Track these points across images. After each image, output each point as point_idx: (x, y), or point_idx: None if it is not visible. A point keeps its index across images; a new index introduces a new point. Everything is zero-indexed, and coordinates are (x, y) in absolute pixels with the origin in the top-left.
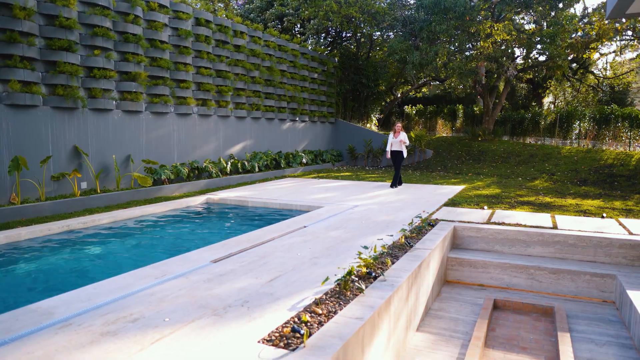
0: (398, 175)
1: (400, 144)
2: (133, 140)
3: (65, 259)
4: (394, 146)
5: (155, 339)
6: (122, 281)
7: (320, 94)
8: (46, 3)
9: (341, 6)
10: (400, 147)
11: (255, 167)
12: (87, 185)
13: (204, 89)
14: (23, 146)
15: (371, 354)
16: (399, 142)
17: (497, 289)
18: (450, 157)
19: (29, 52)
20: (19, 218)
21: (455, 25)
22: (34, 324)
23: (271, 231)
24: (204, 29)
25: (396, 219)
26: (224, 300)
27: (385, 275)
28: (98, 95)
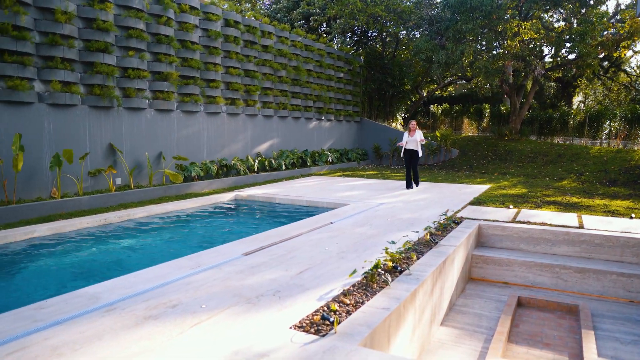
0: (416, 175)
1: (417, 143)
2: (165, 138)
3: (104, 250)
4: (410, 145)
5: (194, 323)
6: (160, 271)
7: (346, 93)
8: (85, 7)
9: (367, 5)
10: (416, 146)
11: (282, 165)
12: (121, 181)
13: (233, 88)
14: (63, 143)
15: (397, 344)
16: (416, 141)
17: (521, 287)
18: (476, 157)
19: (69, 54)
20: (59, 211)
21: (482, 24)
22: (82, 307)
23: (299, 227)
24: (232, 29)
25: (421, 217)
26: (256, 290)
27: (411, 269)
28: (132, 94)
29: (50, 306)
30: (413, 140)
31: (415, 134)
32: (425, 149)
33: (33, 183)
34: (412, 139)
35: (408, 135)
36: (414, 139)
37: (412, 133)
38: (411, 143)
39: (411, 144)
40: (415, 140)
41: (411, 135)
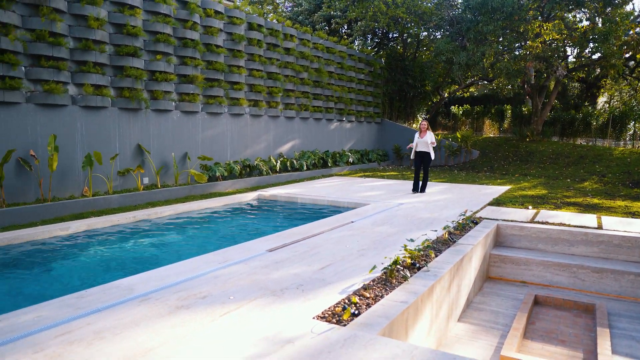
0: (426, 179)
1: (428, 145)
2: (190, 139)
3: (134, 246)
4: (420, 147)
5: (224, 313)
6: (189, 265)
7: (366, 94)
8: (115, 13)
9: (388, 7)
10: (427, 147)
11: (303, 165)
12: (148, 180)
13: (256, 90)
14: (94, 144)
15: (414, 336)
16: (426, 143)
17: (539, 286)
18: (496, 158)
19: (100, 58)
20: (91, 209)
21: (503, 25)
22: (119, 297)
23: (321, 225)
24: (256, 33)
25: (440, 217)
26: (281, 283)
27: (429, 266)
28: (159, 97)
29: (89, 295)
30: (423, 141)
31: (426, 135)
32: (446, 150)
33: (66, 182)
34: (422, 140)
35: (418, 136)
36: (424, 140)
37: (423, 134)
38: (421, 145)
39: (421, 146)
40: (426, 141)
41: (421, 136)
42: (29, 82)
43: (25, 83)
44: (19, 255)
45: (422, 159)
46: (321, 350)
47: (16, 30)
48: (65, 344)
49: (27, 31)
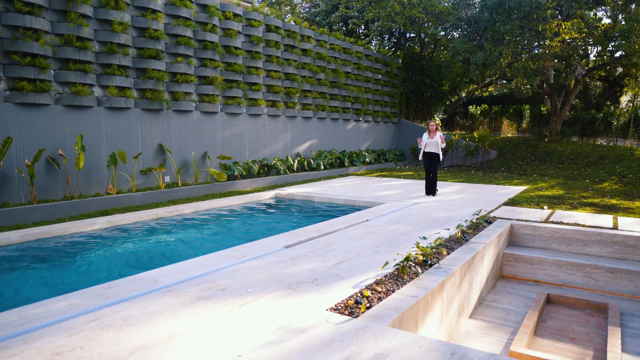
0: (435, 181)
1: (438, 145)
2: (209, 138)
3: (157, 241)
4: (429, 147)
5: (242, 304)
6: (209, 259)
7: (383, 94)
8: (138, 17)
9: (404, 7)
10: (436, 148)
11: (320, 165)
12: (169, 179)
13: (274, 91)
14: (118, 144)
15: (424, 330)
16: (436, 143)
17: (552, 285)
18: (514, 158)
19: (124, 61)
20: (115, 206)
21: (520, 24)
22: (144, 288)
23: (336, 223)
24: (273, 34)
25: (454, 216)
26: (296, 277)
27: (440, 263)
28: (180, 98)
29: (117, 286)
30: (433, 142)
31: (435, 135)
32: (463, 150)
33: (92, 180)
34: (431, 140)
35: (427, 136)
36: (433, 140)
37: (432, 134)
38: (430, 145)
39: (430, 146)
40: (435, 142)
41: (431, 136)
42: (58, 85)
43: (54, 85)
44: (50, 248)
45: (430, 160)
46: (333, 339)
47: (46, 35)
48: (96, 329)
49: (56, 36)
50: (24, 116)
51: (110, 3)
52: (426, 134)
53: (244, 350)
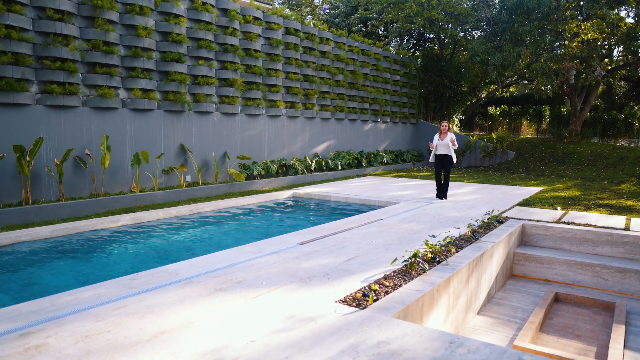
0: (446, 185)
1: (449, 147)
2: (229, 139)
3: (177, 237)
4: (440, 149)
5: (256, 295)
6: (227, 254)
7: (401, 95)
8: (162, 22)
9: (423, 9)
10: (448, 150)
11: (338, 165)
12: (190, 178)
13: (292, 92)
14: (141, 144)
15: (429, 323)
16: (447, 145)
17: (562, 284)
18: (533, 159)
19: (148, 64)
20: (138, 204)
21: (539, 25)
22: (165, 279)
23: (350, 222)
24: (292, 37)
25: (467, 216)
26: (309, 272)
27: (448, 260)
28: (201, 99)
29: (140, 278)
30: (444, 144)
31: (445, 136)
32: (481, 151)
33: (116, 179)
34: (442, 142)
35: (438, 138)
36: (445, 142)
37: (443, 136)
38: (442, 147)
39: (442, 148)
40: (447, 144)
41: (442, 138)
42: (85, 87)
43: (81, 88)
44: (78, 243)
45: (442, 162)
46: (340, 328)
47: (75, 40)
48: (121, 315)
49: (84, 41)
50: (54, 118)
51: (135, 9)
52: (437, 135)
53: (256, 336)
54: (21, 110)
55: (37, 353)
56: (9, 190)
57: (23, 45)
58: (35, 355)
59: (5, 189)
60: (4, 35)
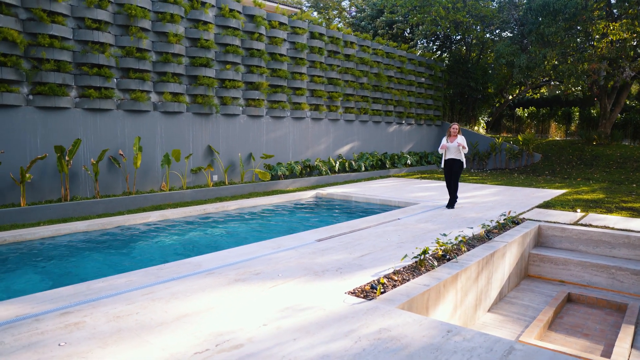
0: (455, 191)
1: (458, 150)
2: (255, 140)
3: (202, 233)
4: (450, 153)
5: (272, 286)
6: (248, 249)
7: (426, 97)
8: (191, 29)
9: (449, 12)
10: (457, 154)
11: (361, 166)
12: (217, 178)
13: (317, 95)
14: (171, 145)
15: (436, 316)
16: (456, 148)
17: (576, 285)
18: (559, 162)
19: (178, 69)
20: (168, 202)
21: (566, 26)
22: (189, 270)
23: (368, 221)
24: (317, 41)
25: (485, 217)
26: (323, 266)
27: (458, 258)
28: (228, 102)
29: (167, 268)
30: (453, 147)
31: (456, 139)
32: (507, 154)
33: (147, 178)
34: (452, 145)
35: (447, 140)
36: (454, 145)
37: (452, 138)
38: (451, 151)
39: (451, 152)
40: (456, 146)
41: (451, 140)
42: (119, 92)
43: (116, 92)
44: (111, 236)
45: (451, 167)
46: (346, 316)
47: (110, 47)
48: (149, 300)
49: (119, 48)
50: (91, 120)
51: (167, 17)
52: (446, 137)
53: (268, 320)
54: (62, 113)
55: (75, 329)
56: (50, 188)
57: (64, 53)
58: (73, 330)
59: (47, 186)
60: (48, 44)
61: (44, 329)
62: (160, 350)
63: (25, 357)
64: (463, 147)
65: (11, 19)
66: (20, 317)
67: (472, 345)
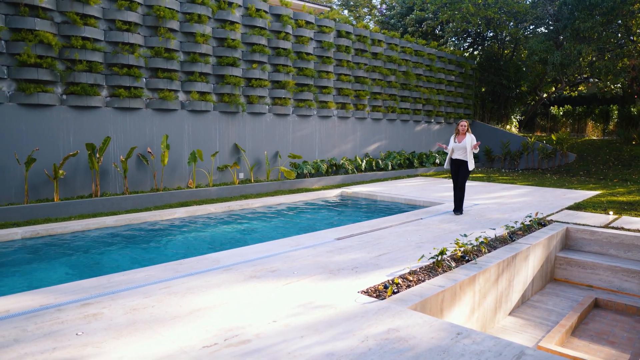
0: (462, 196)
1: (467, 151)
2: (281, 139)
3: (225, 229)
4: (457, 154)
5: (286, 283)
6: (266, 246)
7: (456, 96)
8: (218, 29)
9: (479, 8)
10: (465, 155)
11: (388, 165)
12: (243, 175)
13: (344, 93)
14: (198, 143)
15: (451, 318)
16: (464, 149)
17: (605, 291)
18: (595, 162)
19: (205, 69)
20: (194, 199)
21: (602, 21)
22: (208, 266)
23: (390, 220)
24: (344, 40)
25: (510, 218)
26: (339, 265)
27: (477, 260)
28: (254, 101)
29: (186, 263)
30: (461, 147)
31: (464, 138)
32: (539, 153)
33: (175, 175)
34: (459, 145)
35: (454, 139)
36: (462, 145)
37: (461, 137)
38: (458, 151)
39: (458, 153)
40: (464, 147)
41: (459, 140)
42: (148, 91)
43: (145, 92)
44: (137, 231)
45: (458, 170)
46: (356, 315)
47: (140, 48)
48: (165, 294)
49: (148, 49)
50: (120, 118)
51: (194, 18)
52: (453, 136)
53: (278, 317)
54: (93, 112)
55: (93, 319)
56: (82, 184)
57: (96, 54)
58: (91, 321)
59: (78, 182)
60: (81, 46)
61: (65, 319)
62: (171, 342)
63: (44, 344)
64: (473, 148)
65: (47, 22)
66: (43, 307)
67: (481, 349)
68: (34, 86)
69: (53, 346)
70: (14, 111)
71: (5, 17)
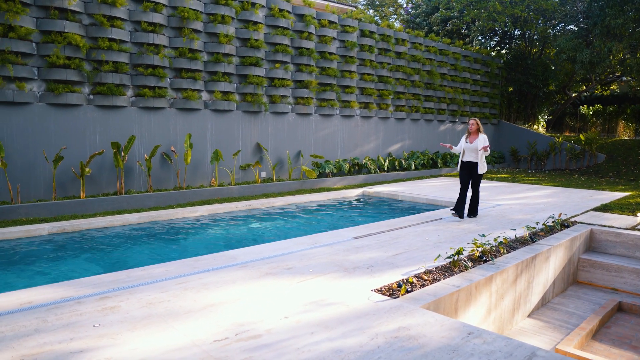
0: (476, 200)
1: (478, 153)
2: (303, 138)
3: (245, 227)
4: (468, 155)
5: (301, 280)
6: (284, 244)
7: (482, 95)
8: (241, 29)
9: (506, 6)
10: (476, 156)
11: (411, 165)
12: (265, 174)
13: (367, 93)
14: (220, 142)
15: (466, 318)
16: (476, 150)
17: (631, 294)
18: (626, 163)
19: (228, 69)
20: (216, 197)
21: (635, 17)
22: (224, 262)
23: (410, 220)
24: (367, 39)
25: (533, 219)
26: (355, 263)
27: (495, 260)
28: (277, 101)
29: (203, 260)
30: (472, 148)
31: (476, 139)
32: (567, 154)
33: (197, 173)
34: (471, 146)
35: (466, 140)
36: (473, 146)
37: (472, 138)
38: (469, 153)
39: (469, 154)
40: (476, 148)
41: (470, 140)
42: (172, 91)
43: (169, 92)
44: (159, 228)
45: (469, 172)
46: (367, 313)
47: (164, 49)
48: (181, 289)
49: (172, 49)
50: (145, 118)
51: (218, 18)
52: (464, 137)
53: (290, 314)
54: (118, 111)
55: (110, 312)
56: (107, 182)
57: (122, 55)
58: (108, 314)
59: (104, 180)
60: (107, 47)
61: (83, 311)
62: (183, 336)
63: (62, 334)
64: (485, 149)
65: (75, 25)
66: (64, 299)
67: (491, 349)
68: (63, 86)
69: (70, 337)
70: (44, 111)
71: (37, 20)
